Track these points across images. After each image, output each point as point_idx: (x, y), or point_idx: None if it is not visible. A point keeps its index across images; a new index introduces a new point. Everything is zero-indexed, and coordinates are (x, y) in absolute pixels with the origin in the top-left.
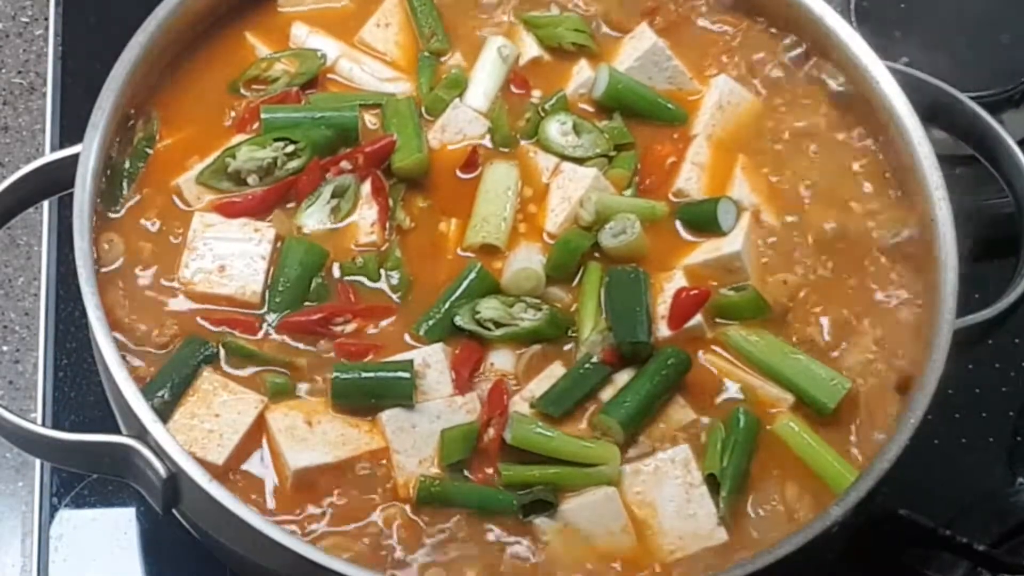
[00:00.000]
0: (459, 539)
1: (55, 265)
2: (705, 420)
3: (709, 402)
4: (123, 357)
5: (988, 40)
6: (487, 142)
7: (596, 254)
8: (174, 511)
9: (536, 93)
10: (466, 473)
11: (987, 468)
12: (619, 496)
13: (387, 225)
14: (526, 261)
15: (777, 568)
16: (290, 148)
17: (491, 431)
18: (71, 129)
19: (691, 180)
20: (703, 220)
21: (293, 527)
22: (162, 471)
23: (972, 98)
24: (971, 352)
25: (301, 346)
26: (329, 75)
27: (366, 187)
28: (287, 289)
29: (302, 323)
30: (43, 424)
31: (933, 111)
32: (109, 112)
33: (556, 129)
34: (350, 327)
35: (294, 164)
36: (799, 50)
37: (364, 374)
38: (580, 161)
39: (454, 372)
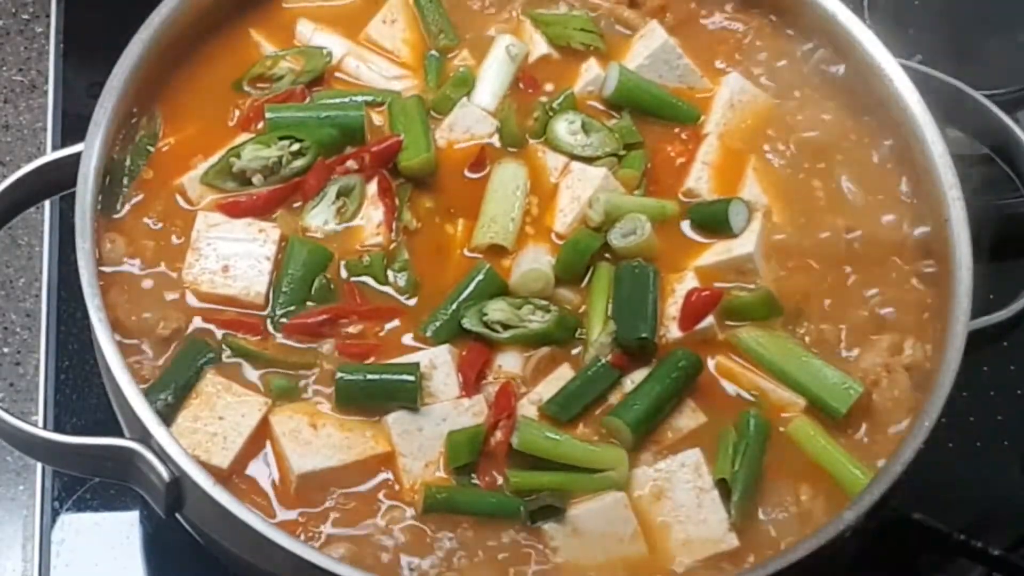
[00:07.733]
0: (466, 545)
1: (56, 266)
2: (716, 424)
3: (720, 405)
4: (125, 359)
5: (1003, 38)
6: (495, 141)
7: (606, 255)
8: (177, 515)
9: (547, 89)
10: (473, 476)
11: (1002, 472)
12: (628, 501)
13: (393, 226)
14: (534, 262)
15: (789, 573)
16: (295, 147)
17: (498, 434)
18: (72, 128)
19: (701, 180)
20: (714, 221)
21: (298, 531)
22: (165, 475)
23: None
24: (986, 354)
25: (305, 347)
26: (335, 73)
27: (372, 187)
28: (291, 290)
29: (307, 324)
30: (44, 427)
31: (948, 110)
32: (111, 110)
33: (564, 128)
34: (356, 328)
35: (299, 163)
36: (811, 47)
37: (369, 376)
38: (589, 160)
39: (461, 374)
